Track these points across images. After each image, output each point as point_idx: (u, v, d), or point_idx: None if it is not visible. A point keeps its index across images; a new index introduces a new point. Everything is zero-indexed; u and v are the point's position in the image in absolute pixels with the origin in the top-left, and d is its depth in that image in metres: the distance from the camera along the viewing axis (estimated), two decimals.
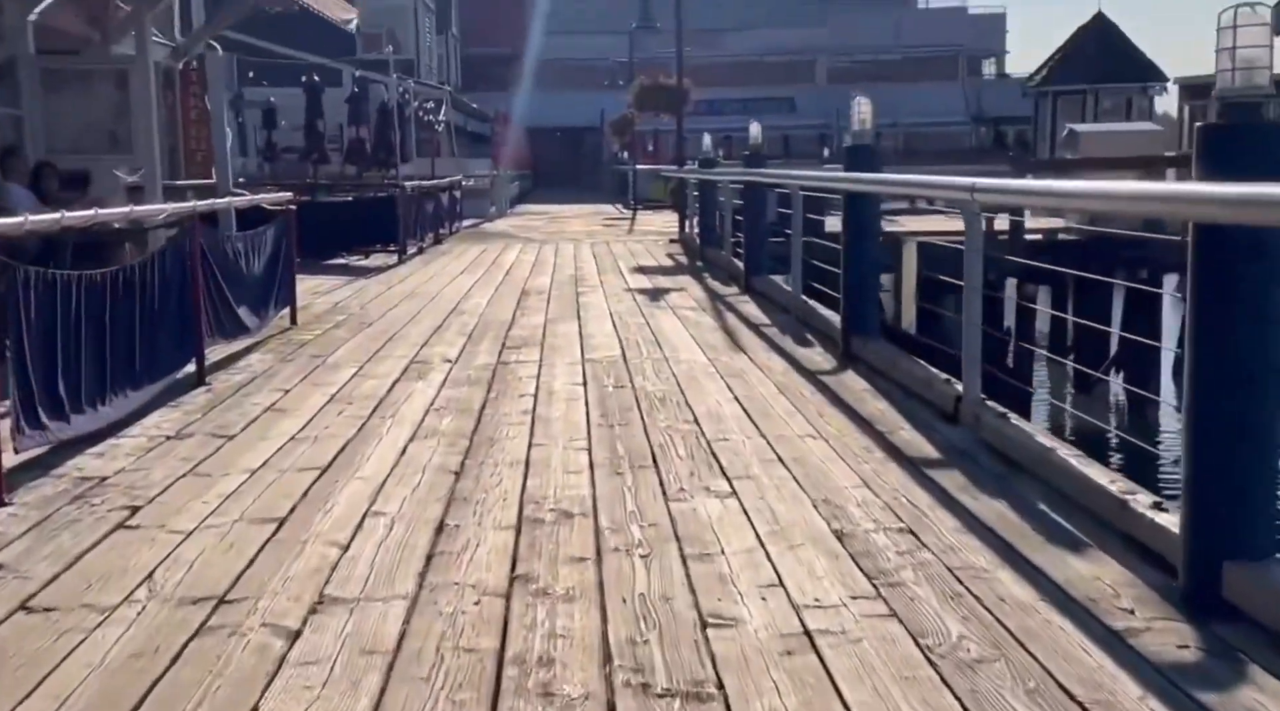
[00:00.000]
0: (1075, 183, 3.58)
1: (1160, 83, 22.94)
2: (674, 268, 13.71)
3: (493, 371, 6.69)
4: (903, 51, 65.08)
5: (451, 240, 18.88)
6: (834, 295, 8.66)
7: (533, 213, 30.10)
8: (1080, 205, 3.53)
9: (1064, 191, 3.56)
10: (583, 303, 10.12)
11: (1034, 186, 3.64)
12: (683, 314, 9.22)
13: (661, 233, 20.14)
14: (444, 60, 45.52)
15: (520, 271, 13.28)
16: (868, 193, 6.22)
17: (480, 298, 10.54)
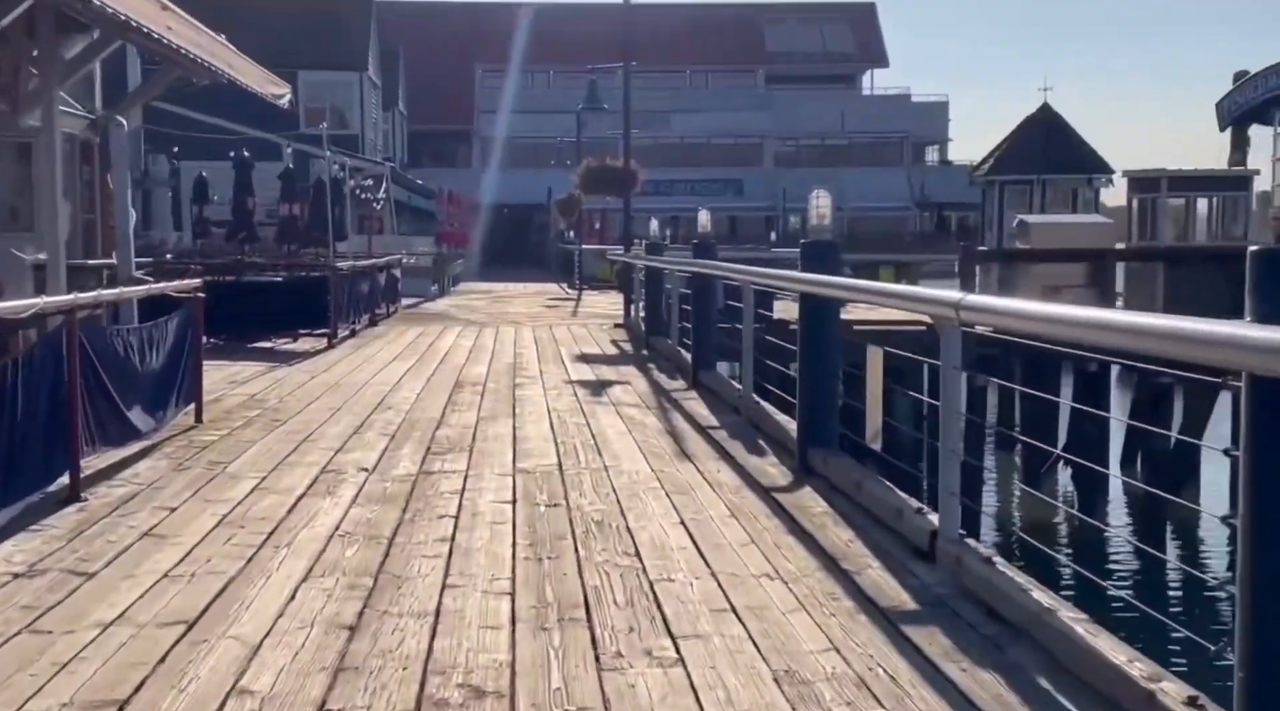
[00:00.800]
0: (1092, 312, 3.03)
1: (1106, 174, 23.00)
2: (618, 356, 13.13)
3: (412, 484, 6.00)
4: (848, 137, 65.89)
5: (389, 321, 18.19)
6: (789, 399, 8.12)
7: (476, 292, 29.51)
8: (1101, 338, 2.97)
9: (1078, 320, 3.00)
10: (520, 397, 9.48)
11: (1039, 311, 3.07)
12: (626, 412, 8.61)
13: (606, 316, 19.60)
14: (389, 136, 45.10)
15: (457, 358, 12.62)
16: (830, 297, 5.68)
17: (410, 390, 9.85)
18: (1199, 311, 10.79)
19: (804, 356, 6.30)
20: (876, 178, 63.92)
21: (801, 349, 6.31)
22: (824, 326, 6.26)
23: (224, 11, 36.48)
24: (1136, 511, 15.44)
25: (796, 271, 6.29)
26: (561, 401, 9.22)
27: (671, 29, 62.34)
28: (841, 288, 5.05)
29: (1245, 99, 20.02)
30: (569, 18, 63.47)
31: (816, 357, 6.27)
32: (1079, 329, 3.17)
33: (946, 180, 63.66)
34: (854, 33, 69.92)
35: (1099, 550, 13.59)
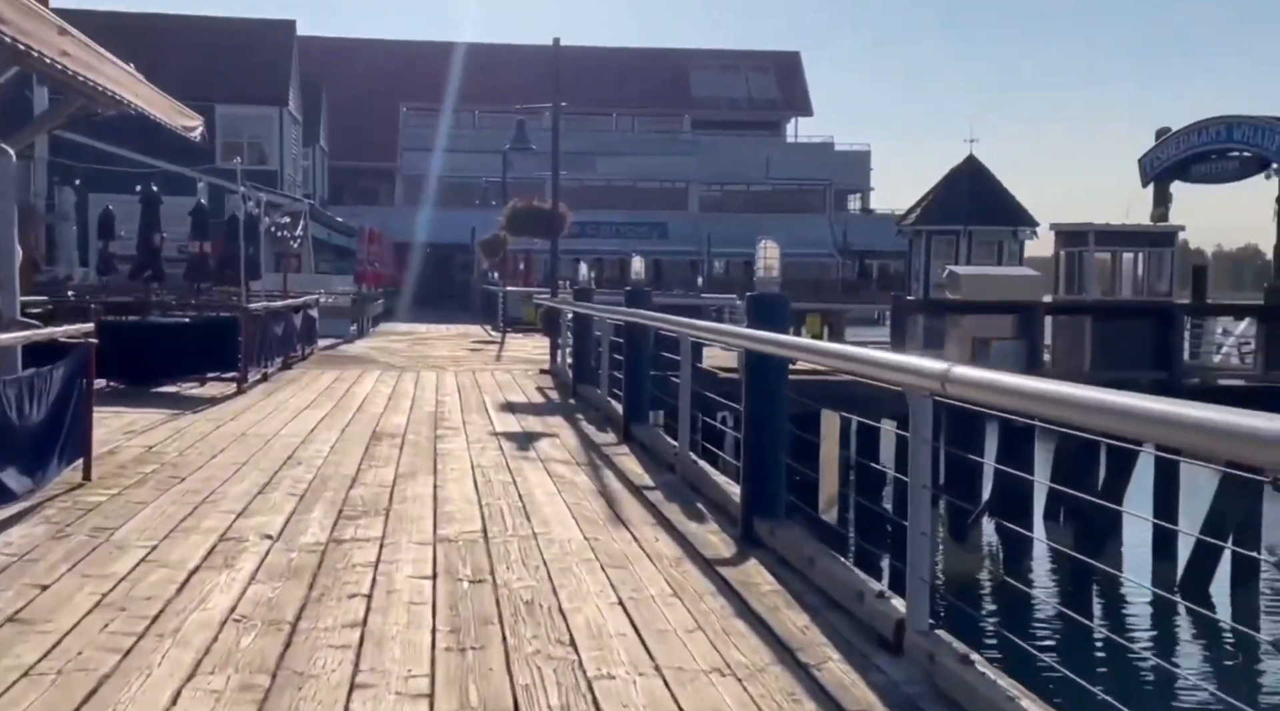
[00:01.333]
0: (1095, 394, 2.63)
1: (1030, 227, 23.16)
2: (545, 406, 12.63)
3: (321, 555, 5.45)
4: (772, 183, 66.39)
5: (304, 364, 17.48)
6: (726, 456, 7.71)
7: (397, 333, 28.79)
8: (1108, 424, 2.58)
9: (1076, 401, 2.59)
10: (441, 451, 8.93)
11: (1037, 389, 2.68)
12: (555, 469, 8.11)
13: (532, 361, 19.10)
14: (310, 172, 44.26)
15: (374, 406, 12.02)
16: (780, 356, 5.28)
17: (323, 442, 9.25)
18: (1126, 365, 10.75)
19: (749, 417, 5.89)
20: (800, 225, 64.35)
21: (746, 409, 5.90)
22: (771, 386, 5.86)
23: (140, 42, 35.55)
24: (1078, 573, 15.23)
25: (740, 327, 5.90)
26: (486, 456, 8.70)
27: (598, 72, 62.45)
28: (801, 350, 4.64)
29: (1166, 155, 20.29)
30: (497, 58, 63.23)
31: (763, 419, 5.86)
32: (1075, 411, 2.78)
33: (869, 229, 64.36)
34: (778, 80, 70.72)
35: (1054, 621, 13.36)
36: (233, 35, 37.59)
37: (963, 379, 3.03)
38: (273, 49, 37.54)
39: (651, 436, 9.07)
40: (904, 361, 3.38)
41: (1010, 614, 13.62)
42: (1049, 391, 2.97)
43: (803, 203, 66.89)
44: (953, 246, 23.13)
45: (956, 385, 3.05)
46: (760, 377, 5.86)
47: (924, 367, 3.24)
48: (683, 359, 7.69)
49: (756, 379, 5.89)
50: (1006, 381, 2.91)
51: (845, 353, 3.93)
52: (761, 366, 5.79)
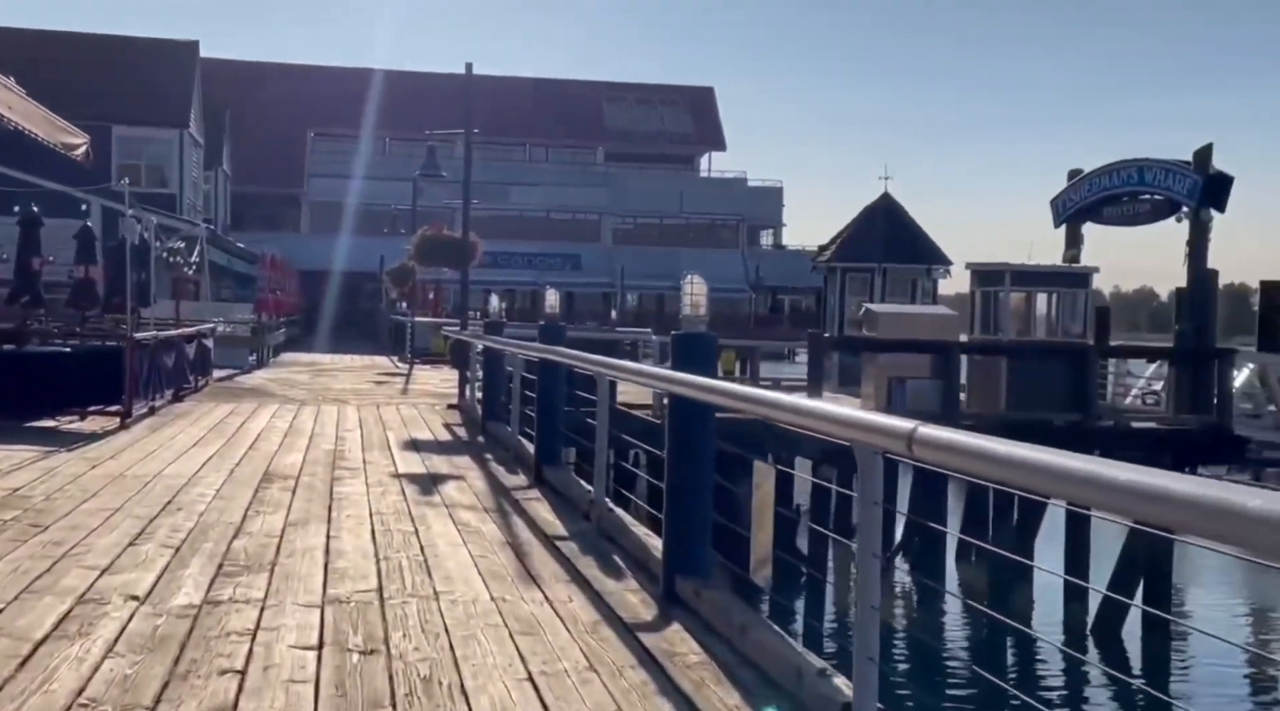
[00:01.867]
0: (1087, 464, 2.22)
1: (944, 266, 23.22)
2: (452, 444, 12.03)
3: (193, 621, 4.83)
4: (685, 217, 66.57)
5: (197, 397, 16.60)
6: (642, 503, 7.24)
7: (299, 363, 27.83)
8: (1088, 496, 2.16)
9: (1105, 481, 2.16)
10: (338, 495, 8.31)
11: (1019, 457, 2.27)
12: (461, 516, 7.55)
13: (439, 395, 18.44)
14: (211, 197, 42.97)
15: (269, 443, 11.31)
16: (708, 403, 4.83)
17: (209, 484, 8.56)
18: (1041, 406, 10.43)
19: (672, 465, 5.43)
20: (713, 259, 64.50)
21: (669, 457, 5.44)
22: (696, 433, 5.41)
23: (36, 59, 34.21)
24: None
25: (663, 368, 5.46)
26: (386, 501, 8.10)
27: (512, 102, 62.04)
28: (736, 397, 4.19)
29: (1079, 197, 20.47)
30: (409, 85, 62.49)
31: (687, 469, 5.40)
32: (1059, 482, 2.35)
33: (781, 264, 64.84)
34: (692, 115, 71.09)
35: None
36: (133, 55, 36.37)
37: (931, 440, 2.60)
38: (174, 70, 36.36)
39: (565, 480, 8.57)
40: (863, 419, 2.95)
41: (945, 680, 13.30)
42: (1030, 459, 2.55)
43: (716, 237, 67.16)
44: (867, 284, 23.07)
45: (925, 447, 2.62)
46: (684, 424, 5.42)
47: (888, 426, 2.80)
48: (600, 400, 7.21)
49: (680, 425, 5.44)
50: (984, 446, 2.49)
51: (791, 405, 3.49)
52: (686, 412, 5.35)
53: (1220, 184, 18.28)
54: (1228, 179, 18.30)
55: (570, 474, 8.67)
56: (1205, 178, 18.20)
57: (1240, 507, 1.73)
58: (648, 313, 61.46)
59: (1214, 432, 16.84)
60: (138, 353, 12.36)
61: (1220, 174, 18.33)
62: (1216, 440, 16.92)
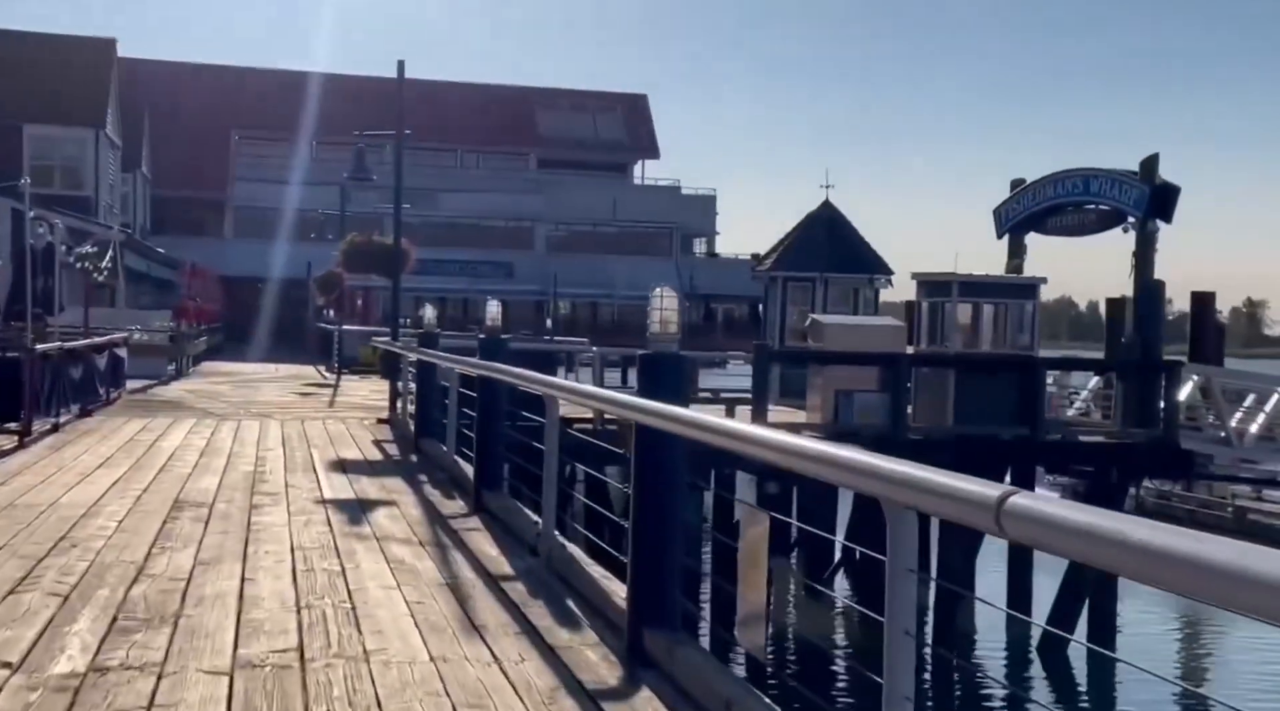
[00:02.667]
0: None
1: (886, 275, 22.85)
2: (383, 464, 11.25)
3: (74, 694, 4.06)
4: (619, 225, 65.98)
5: (108, 410, 15.58)
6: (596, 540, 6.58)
7: (221, 374, 26.70)
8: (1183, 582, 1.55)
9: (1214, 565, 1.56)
10: (257, 526, 7.52)
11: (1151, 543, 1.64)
12: (394, 552, 6.82)
13: (369, 408, 17.59)
14: (129, 200, 41.47)
15: (182, 464, 10.44)
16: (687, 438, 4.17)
17: (111, 515, 7.72)
18: (989, 419, 9.82)
19: (640, 501, 4.77)
20: (646, 267, 63.96)
21: (637, 495, 4.78)
22: (668, 468, 4.76)
23: None
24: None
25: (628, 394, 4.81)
26: (310, 533, 7.33)
27: (444, 107, 61.00)
28: (740, 439, 3.48)
29: (1022, 207, 20.20)
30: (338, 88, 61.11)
31: (658, 509, 4.75)
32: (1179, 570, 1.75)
33: (715, 273, 64.52)
34: (626, 122, 70.59)
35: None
36: (47, 52, 34.84)
37: (1028, 514, 1.98)
38: (90, 67, 34.91)
39: (507, 508, 7.86)
40: (936, 481, 2.31)
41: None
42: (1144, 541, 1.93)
43: (650, 245, 66.66)
44: (809, 293, 22.61)
45: (1020, 522, 2.00)
46: (653, 456, 4.76)
47: (969, 493, 2.18)
48: (549, 424, 6.52)
49: (649, 458, 4.78)
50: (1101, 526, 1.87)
51: (819, 454, 2.85)
52: (656, 443, 4.69)
53: (1167, 194, 18.08)
54: (1174, 189, 18.11)
55: (513, 503, 7.97)
56: (1152, 187, 17.99)
57: None
58: (581, 321, 60.77)
59: (1161, 446, 16.60)
60: (38, 365, 11.40)
61: (1167, 184, 18.14)
62: (1164, 454, 16.69)
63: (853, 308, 22.53)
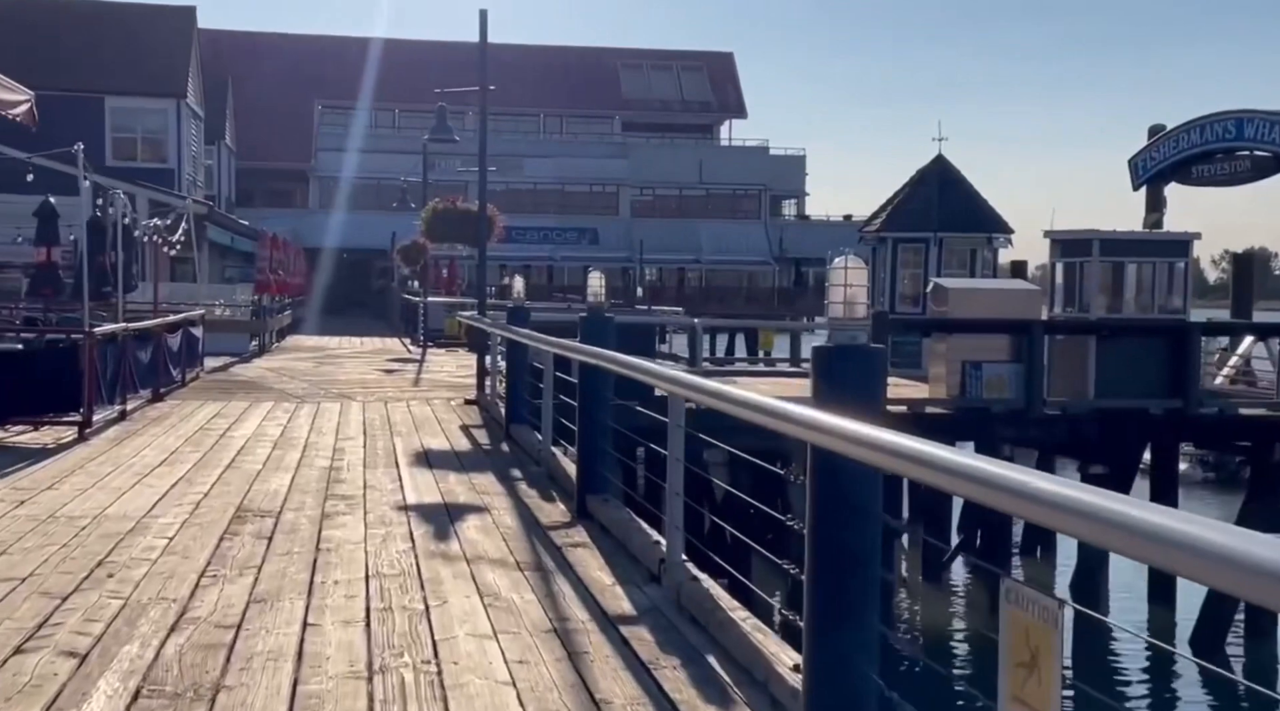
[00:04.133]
0: None
1: (1005, 234, 21.17)
2: (472, 455, 10.11)
3: None
4: (705, 188, 64.36)
5: (182, 393, 14.73)
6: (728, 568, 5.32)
7: (304, 348, 25.97)
8: None
9: None
10: (327, 543, 6.41)
11: None
12: (487, 579, 5.64)
13: (455, 387, 16.55)
14: (214, 172, 41.10)
15: (252, 460, 9.41)
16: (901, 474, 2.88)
17: (162, 529, 6.67)
18: (1135, 392, 7.90)
19: (822, 553, 3.50)
20: (734, 230, 62.48)
21: (816, 539, 3.50)
22: (861, 503, 3.47)
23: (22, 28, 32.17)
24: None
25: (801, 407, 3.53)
26: (389, 553, 6.19)
27: (525, 71, 59.86)
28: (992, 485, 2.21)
29: (1161, 155, 18.38)
30: (418, 54, 60.39)
31: (845, 558, 3.47)
32: None
33: (805, 234, 62.62)
34: (711, 82, 68.78)
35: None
36: (125, 22, 34.35)
37: None
38: (169, 37, 34.35)
39: (618, 520, 6.64)
40: None
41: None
42: None
43: (737, 208, 65.00)
44: (921, 255, 21.03)
45: None
46: (837, 488, 3.47)
47: None
48: (672, 426, 5.28)
49: (832, 489, 3.50)
50: None
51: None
52: (844, 474, 3.40)
53: None
54: None
55: (625, 512, 6.74)
56: None
57: None
58: (668, 287, 59.46)
59: None
60: (98, 349, 10.45)
61: None
62: None
63: (969, 270, 20.92)
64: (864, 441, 3.03)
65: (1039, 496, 2.23)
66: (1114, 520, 1.95)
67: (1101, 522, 1.99)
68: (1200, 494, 21.79)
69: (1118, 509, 1.96)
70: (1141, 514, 1.89)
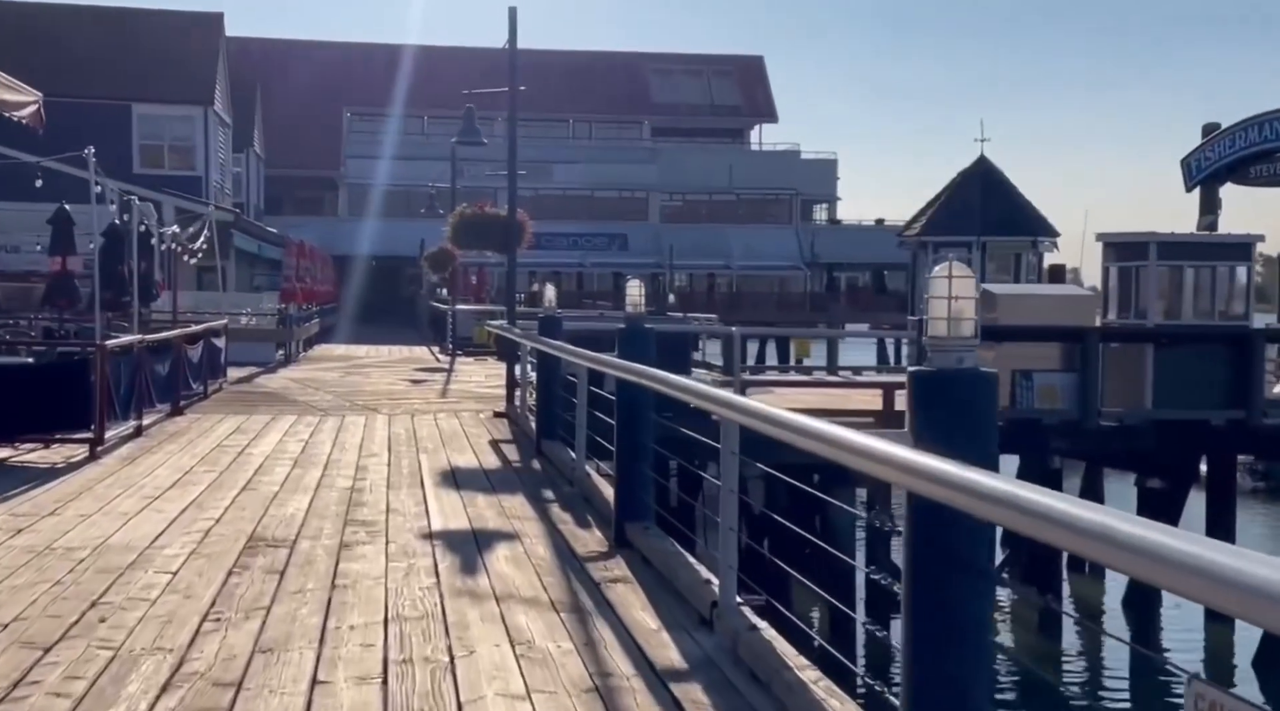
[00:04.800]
0: None
1: (1051, 237, 20.46)
2: (502, 474, 9.56)
3: None
4: (736, 193, 63.68)
5: (204, 406, 14.28)
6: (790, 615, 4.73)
7: (332, 358, 25.56)
8: None
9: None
10: (344, 579, 5.87)
11: None
12: (520, 624, 5.08)
13: (484, 398, 16.03)
14: (243, 180, 40.85)
15: (269, 481, 8.90)
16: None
17: (166, 561, 6.14)
18: (1195, 402, 7.05)
19: (920, 613, 2.91)
20: (765, 236, 61.73)
21: (914, 593, 2.92)
22: (966, 555, 2.88)
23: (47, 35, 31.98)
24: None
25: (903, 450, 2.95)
26: (412, 590, 5.64)
27: (553, 76, 59.39)
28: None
29: (1217, 154, 17.63)
30: (446, 60, 60.03)
31: (949, 622, 2.89)
32: None
33: (837, 239, 61.80)
34: (741, 86, 68.13)
35: None
36: (153, 29, 34.10)
37: None
38: (197, 43, 34.08)
39: (662, 552, 6.05)
40: None
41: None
42: None
43: (768, 213, 64.28)
44: (963, 259, 20.31)
45: None
46: (943, 539, 2.89)
47: None
48: (724, 452, 4.71)
49: (933, 539, 2.91)
50: None
51: None
52: (949, 525, 2.81)
53: None
54: None
55: (668, 543, 6.16)
56: None
57: None
58: (698, 293, 58.80)
59: None
60: (111, 362, 9.98)
61: None
62: None
63: (1014, 275, 20.25)
64: (986, 495, 2.44)
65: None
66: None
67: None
68: (1250, 504, 20.99)
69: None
70: None
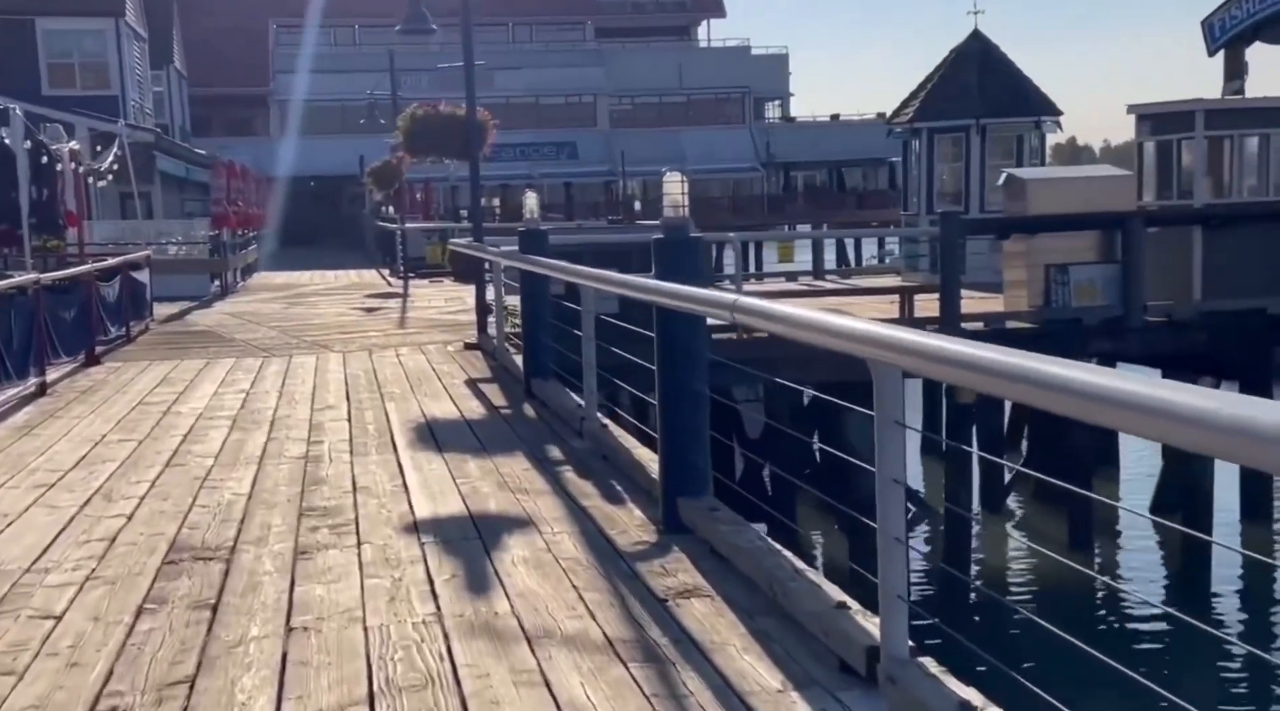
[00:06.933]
0: None
1: (1054, 117, 18.78)
2: (490, 425, 7.80)
3: None
4: (687, 93, 61.21)
5: (125, 352, 12.35)
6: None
7: (272, 286, 23.50)
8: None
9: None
10: (303, 615, 4.12)
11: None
12: (573, 697, 3.38)
13: (448, 326, 14.22)
14: (164, 99, 38.02)
15: (201, 450, 7.09)
16: None
17: (46, 604, 4.36)
18: (1249, 290, 5.04)
19: None
20: (719, 137, 59.50)
21: None
22: None
23: None
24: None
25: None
26: (402, 630, 3.91)
27: None
28: None
29: (1244, 12, 15.94)
30: None
31: None
32: None
33: (792, 138, 59.75)
34: None
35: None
36: None
37: None
38: None
39: (751, 553, 4.32)
40: None
41: (993, 628, 9.89)
42: None
43: (720, 113, 61.92)
44: (961, 146, 18.66)
45: None
46: None
47: None
48: (884, 423, 2.99)
49: None
50: None
51: None
52: None
53: None
54: None
55: (751, 533, 4.45)
56: None
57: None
58: (652, 201, 56.71)
59: None
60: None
61: None
62: None
63: (1016, 159, 18.58)
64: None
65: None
66: None
67: None
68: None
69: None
70: None
